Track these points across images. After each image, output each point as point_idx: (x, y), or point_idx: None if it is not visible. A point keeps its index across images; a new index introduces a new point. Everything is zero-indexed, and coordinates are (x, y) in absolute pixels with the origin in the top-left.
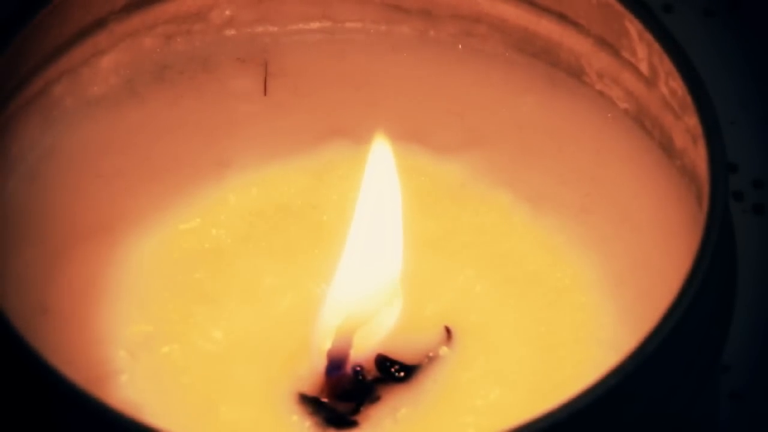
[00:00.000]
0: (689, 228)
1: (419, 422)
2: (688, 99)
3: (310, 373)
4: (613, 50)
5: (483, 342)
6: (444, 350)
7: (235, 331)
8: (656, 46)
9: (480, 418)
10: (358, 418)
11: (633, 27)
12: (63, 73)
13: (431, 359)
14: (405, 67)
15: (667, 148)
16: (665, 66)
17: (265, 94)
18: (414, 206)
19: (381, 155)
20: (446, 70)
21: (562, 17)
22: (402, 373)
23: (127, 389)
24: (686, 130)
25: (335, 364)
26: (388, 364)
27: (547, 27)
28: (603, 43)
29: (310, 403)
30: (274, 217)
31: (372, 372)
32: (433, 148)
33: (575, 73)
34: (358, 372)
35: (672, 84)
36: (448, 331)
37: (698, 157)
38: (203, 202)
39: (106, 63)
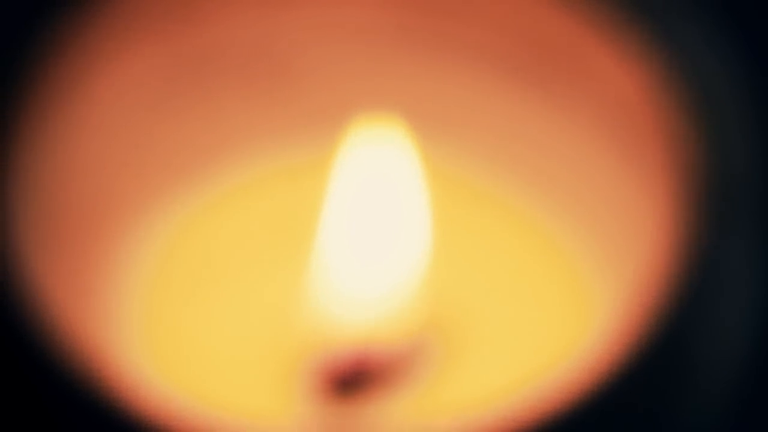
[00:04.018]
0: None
1: (420, 416)
2: (681, 98)
3: (314, 366)
4: (608, 50)
5: (482, 336)
6: (442, 343)
7: (238, 328)
8: (650, 48)
9: (479, 411)
10: (360, 408)
11: (627, 28)
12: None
13: (429, 351)
14: (406, 67)
15: (660, 146)
16: (657, 66)
17: (266, 96)
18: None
19: (388, 151)
20: (445, 70)
21: (557, 17)
22: (402, 368)
23: (130, 387)
24: (679, 130)
25: (339, 358)
26: (388, 357)
27: (544, 28)
28: (598, 43)
29: (315, 393)
30: (278, 216)
31: (373, 365)
32: (433, 146)
33: (570, 73)
34: (361, 364)
35: (663, 83)
36: (445, 324)
37: (689, 157)
38: (205, 201)
39: (112, 67)
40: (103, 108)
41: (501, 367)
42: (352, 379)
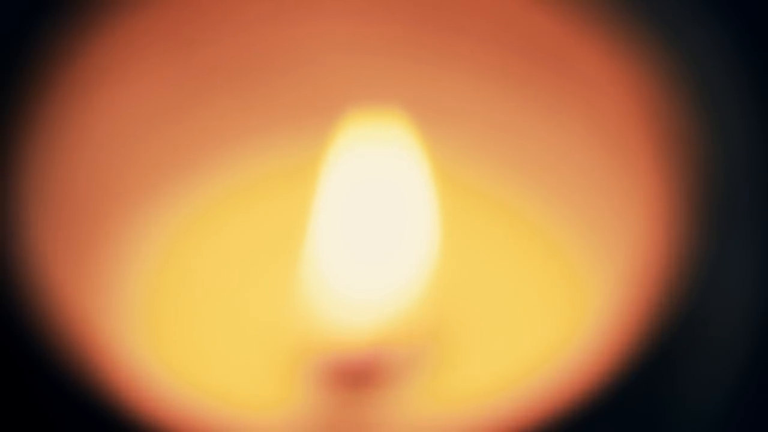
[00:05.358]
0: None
1: (419, 412)
2: (681, 96)
3: (317, 361)
4: (602, 49)
5: (481, 334)
6: (440, 341)
7: (239, 324)
8: (650, 46)
9: (479, 408)
10: (361, 404)
11: (628, 27)
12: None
13: (428, 349)
14: (404, 66)
15: (660, 145)
16: (656, 64)
17: (267, 95)
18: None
19: (388, 148)
20: (442, 69)
21: (558, 17)
22: (401, 365)
23: (132, 381)
24: (679, 128)
25: (341, 356)
26: (388, 355)
27: (541, 29)
28: (593, 42)
29: (317, 388)
30: (282, 212)
31: (374, 361)
32: (430, 144)
33: (568, 71)
34: (362, 361)
35: (663, 81)
36: (443, 322)
37: (688, 155)
38: (209, 196)
39: (114, 68)
40: (105, 107)
41: (499, 365)
42: (354, 376)
